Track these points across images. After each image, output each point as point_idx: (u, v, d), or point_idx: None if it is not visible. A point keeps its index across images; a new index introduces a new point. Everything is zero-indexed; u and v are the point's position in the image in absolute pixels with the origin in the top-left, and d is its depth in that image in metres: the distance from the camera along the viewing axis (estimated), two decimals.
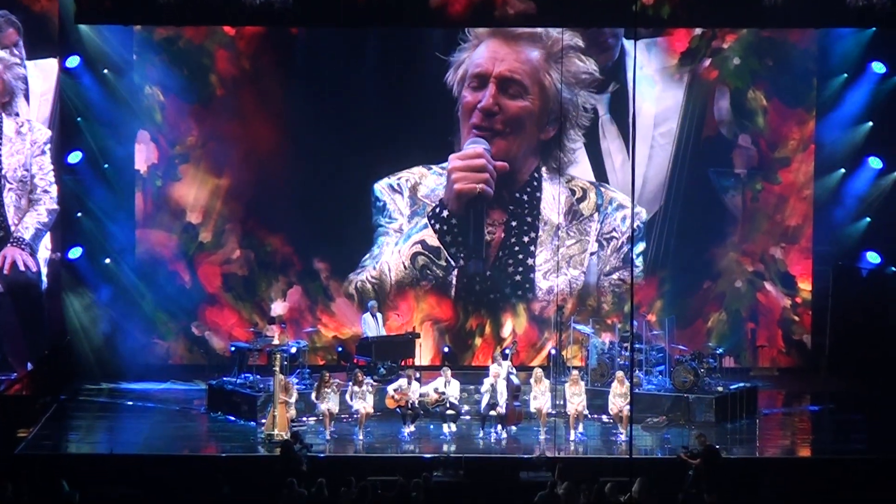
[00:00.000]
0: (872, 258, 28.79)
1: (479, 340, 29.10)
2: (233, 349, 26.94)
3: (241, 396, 25.37)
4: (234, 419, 25.29)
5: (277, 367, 24.07)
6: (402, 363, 26.71)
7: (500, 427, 24.18)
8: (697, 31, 28.53)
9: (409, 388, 24.28)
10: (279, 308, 28.50)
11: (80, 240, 28.33)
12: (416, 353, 27.42)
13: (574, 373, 24.76)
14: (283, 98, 28.57)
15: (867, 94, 28.49)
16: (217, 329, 28.84)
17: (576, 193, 28.94)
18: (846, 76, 28.52)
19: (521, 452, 23.10)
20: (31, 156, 27.92)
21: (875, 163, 28.65)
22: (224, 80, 28.54)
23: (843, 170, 28.78)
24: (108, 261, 28.42)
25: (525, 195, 28.86)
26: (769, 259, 29.15)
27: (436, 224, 28.76)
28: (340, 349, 28.50)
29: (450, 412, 24.31)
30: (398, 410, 24.31)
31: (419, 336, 27.81)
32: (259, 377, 25.74)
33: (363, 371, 24.96)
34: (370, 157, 28.70)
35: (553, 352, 27.29)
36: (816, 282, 29.08)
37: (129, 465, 21.94)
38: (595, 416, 24.99)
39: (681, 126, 28.85)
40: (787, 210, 29.08)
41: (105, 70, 27.99)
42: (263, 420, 24.22)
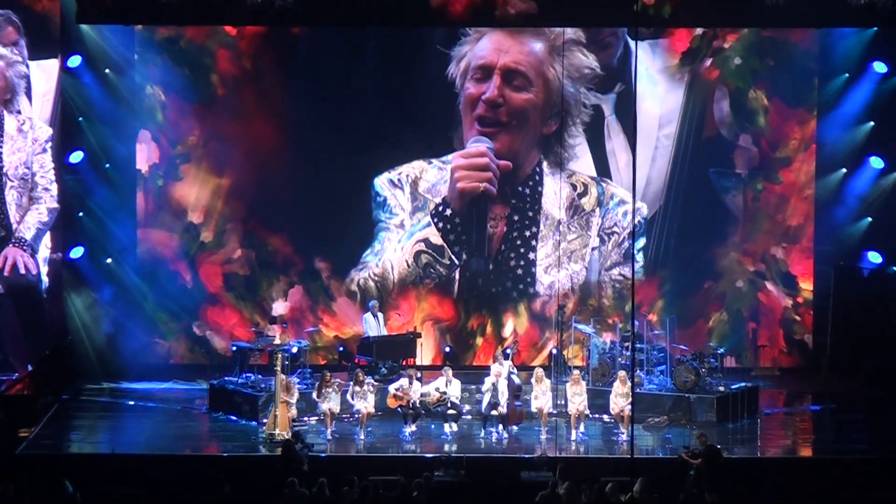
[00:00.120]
0: (874, 258, 28.79)
1: (481, 340, 29.11)
2: (234, 349, 26.94)
3: (243, 396, 25.37)
4: (236, 419, 25.29)
5: (279, 367, 24.08)
6: (404, 363, 26.71)
7: (502, 427, 24.19)
8: (698, 31, 28.52)
9: (411, 388, 24.29)
10: (280, 308, 28.50)
11: (82, 239, 28.33)
12: (418, 353, 27.42)
13: (575, 372, 24.75)
14: (285, 98, 28.58)
15: (868, 94, 28.47)
16: (218, 329, 28.85)
17: (577, 188, 28.94)
18: (847, 76, 28.51)
19: (523, 452, 23.09)
20: (33, 153, 27.95)
21: (876, 162, 28.64)
22: (225, 80, 28.54)
23: (845, 169, 28.77)
24: (110, 260, 28.43)
25: (527, 189, 28.86)
26: (770, 259, 29.15)
27: (439, 222, 28.76)
28: (342, 349, 28.52)
29: (451, 412, 24.31)
30: (399, 410, 24.31)
31: (420, 336, 27.81)
32: (260, 377, 25.75)
33: (364, 371, 24.96)
34: (371, 157, 28.72)
35: (554, 351, 27.29)
36: (818, 281, 29.07)
37: (131, 465, 21.94)
38: (596, 416, 24.98)
39: (681, 126, 28.84)
40: (789, 210, 29.08)
41: (106, 70, 27.99)
42: (265, 420, 24.22)
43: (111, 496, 20.33)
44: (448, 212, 28.75)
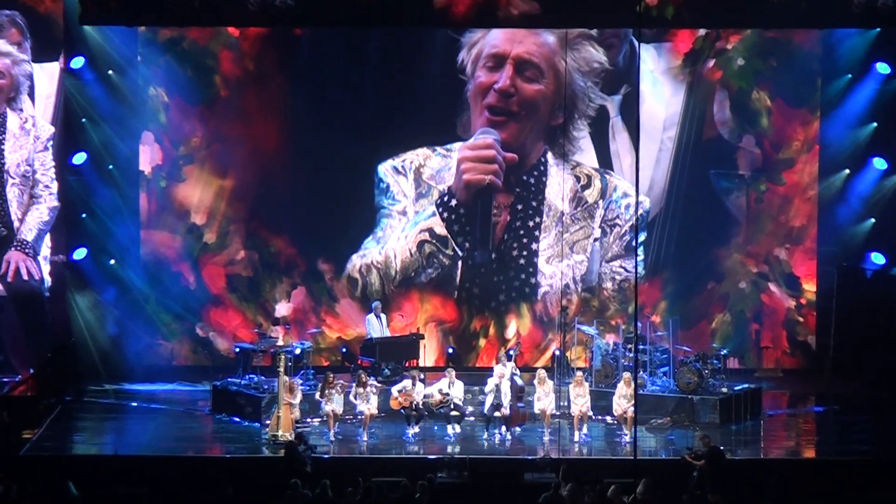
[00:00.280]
0: (877, 259, 28.75)
1: (483, 341, 29.09)
2: (237, 350, 26.95)
3: (246, 398, 25.38)
4: (239, 420, 25.30)
5: (282, 369, 24.11)
6: (407, 364, 26.72)
7: (505, 428, 24.19)
8: (701, 32, 28.49)
9: (414, 390, 24.28)
10: (283, 309, 28.50)
11: (85, 241, 28.31)
12: (421, 354, 27.45)
13: (578, 374, 24.75)
14: (287, 99, 28.57)
15: (871, 95, 28.43)
16: (221, 330, 28.83)
17: (581, 180, 28.91)
18: (850, 77, 28.46)
19: (526, 454, 23.10)
20: (34, 151, 27.95)
21: (879, 163, 28.60)
22: (228, 81, 28.53)
23: (848, 170, 28.74)
24: (113, 262, 28.42)
25: (532, 178, 28.82)
26: (773, 260, 29.12)
27: (443, 212, 28.72)
28: (344, 350, 28.50)
29: (454, 413, 24.31)
30: (402, 411, 24.31)
31: (423, 337, 27.84)
32: (263, 378, 25.77)
33: (367, 372, 24.98)
34: (374, 158, 28.71)
35: (557, 353, 27.25)
36: (821, 283, 29.04)
37: (134, 466, 21.97)
38: (599, 418, 24.99)
39: (681, 127, 28.80)
40: (792, 211, 29.04)
41: (109, 71, 27.99)
42: (268, 421, 24.22)
43: (114, 497, 20.35)
44: (453, 202, 28.71)
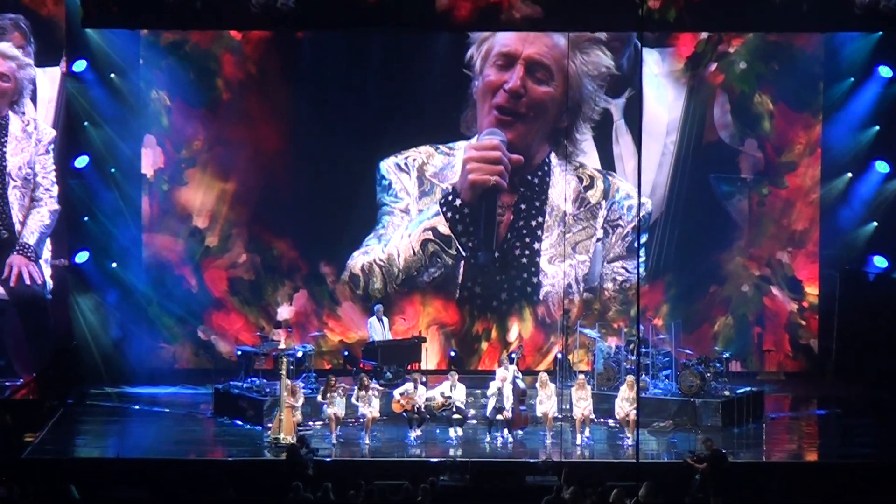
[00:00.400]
0: (879, 262, 28.74)
1: (486, 344, 29.08)
2: (239, 353, 26.93)
3: (248, 400, 25.37)
4: (241, 423, 25.29)
5: (284, 372, 24.09)
6: (409, 367, 26.68)
7: (507, 431, 24.17)
8: (703, 36, 28.49)
9: (416, 393, 24.26)
10: (285, 312, 28.49)
11: (87, 244, 28.32)
12: (422, 357, 27.40)
13: (580, 377, 24.74)
14: (289, 102, 28.58)
15: (874, 98, 28.44)
16: (223, 333, 28.83)
17: (584, 181, 28.90)
18: (853, 80, 28.46)
19: (528, 457, 23.10)
20: (35, 154, 27.94)
21: (882, 167, 28.60)
22: (230, 85, 28.54)
23: (850, 174, 28.73)
24: (115, 265, 28.42)
25: (535, 178, 28.81)
26: (776, 263, 29.11)
27: (448, 212, 28.70)
28: (346, 353, 28.49)
29: (456, 416, 24.30)
30: (404, 414, 24.29)
31: (425, 340, 27.78)
32: (265, 381, 25.76)
33: (369, 375, 24.97)
34: (377, 160, 28.71)
35: (559, 356, 27.25)
36: (823, 286, 29.03)
37: (136, 469, 21.98)
38: (601, 421, 24.98)
39: (682, 130, 28.79)
40: (794, 214, 29.03)
41: (112, 74, 28.00)
42: (270, 424, 24.21)
43: (116, 500, 20.36)
44: (457, 202, 28.70)
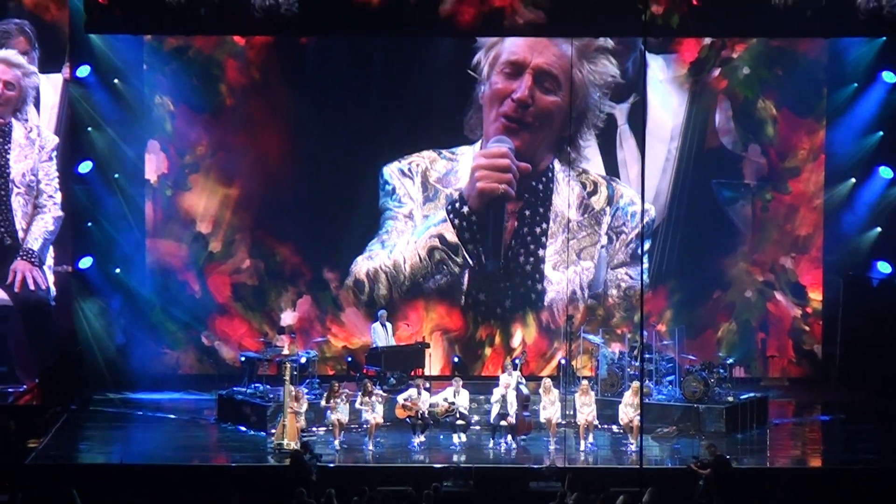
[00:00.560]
0: (883, 268, 28.72)
1: (489, 350, 29.07)
2: (242, 359, 26.92)
3: (251, 406, 25.35)
4: (244, 429, 25.28)
5: (287, 377, 24.06)
6: (412, 373, 26.69)
7: (510, 437, 24.16)
8: (707, 41, 28.49)
9: (419, 398, 24.26)
10: (289, 318, 28.51)
11: (90, 249, 28.33)
12: (426, 363, 27.41)
13: (584, 383, 24.72)
14: (292, 107, 28.57)
15: (877, 104, 28.43)
16: (227, 339, 28.83)
17: (587, 187, 28.89)
18: (856, 85, 28.46)
19: (531, 463, 23.05)
20: (39, 161, 27.94)
21: (886, 172, 28.59)
22: (234, 90, 28.55)
23: (854, 179, 28.72)
24: (118, 270, 28.42)
25: (539, 185, 28.80)
26: (779, 269, 29.09)
27: (455, 219, 28.70)
28: (350, 359, 28.47)
29: (459, 422, 24.29)
30: (408, 420, 24.28)
31: (429, 346, 27.80)
32: (269, 387, 25.74)
33: (373, 381, 24.96)
34: (380, 166, 28.72)
35: (563, 362, 27.23)
36: (827, 292, 29.02)
37: (139, 475, 21.94)
38: (605, 427, 24.96)
39: (685, 135, 28.79)
40: (798, 220, 29.03)
41: (115, 80, 28.01)
42: (273, 430, 24.20)
43: None
44: (465, 209, 28.70)
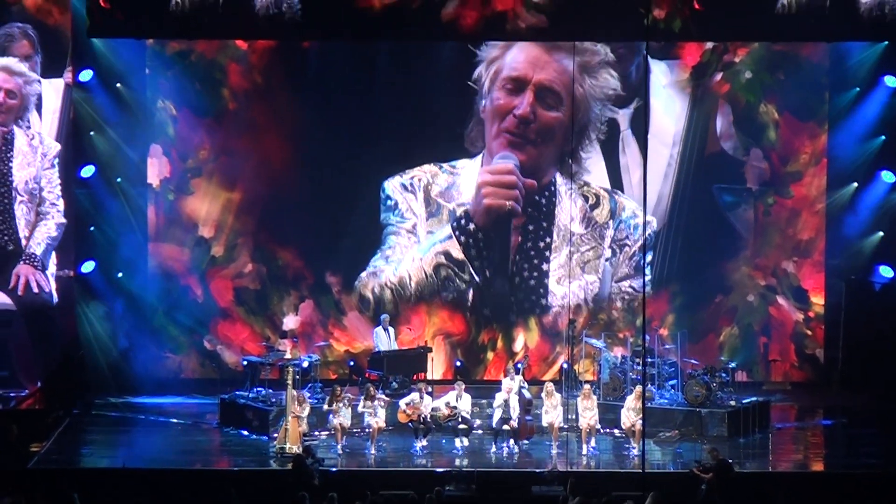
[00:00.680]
0: (885, 272, 28.70)
1: (491, 354, 29.06)
2: (245, 363, 26.93)
3: (254, 411, 25.37)
4: (247, 433, 25.28)
5: (290, 382, 24.08)
6: (414, 377, 26.68)
7: (513, 441, 24.15)
8: (709, 46, 28.49)
9: (422, 403, 24.26)
10: (291, 322, 28.50)
11: (93, 254, 28.33)
12: (428, 367, 27.40)
13: (586, 387, 24.72)
14: (295, 111, 28.58)
15: (880, 108, 28.40)
16: (229, 343, 28.82)
17: (589, 200, 28.89)
18: (858, 90, 28.44)
19: (534, 467, 23.05)
20: (41, 169, 27.93)
21: (888, 176, 28.55)
22: (236, 94, 28.56)
23: (856, 183, 28.70)
24: (121, 275, 28.42)
25: (542, 199, 28.80)
26: (781, 273, 29.08)
27: (461, 236, 28.70)
28: (352, 363, 28.47)
29: (462, 426, 24.30)
30: (410, 424, 24.28)
31: (431, 350, 27.80)
32: (271, 391, 25.77)
33: (375, 385, 24.97)
34: (382, 170, 28.73)
35: (565, 366, 27.22)
36: (829, 296, 28.99)
37: (142, 479, 21.93)
38: (607, 431, 24.96)
39: (686, 140, 28.79)
40: (800, 224, 29.02)
41: (118, 84, 28.03)
42: (275, 434, 24.21)
43: None
44: (471, 226, 28.69)
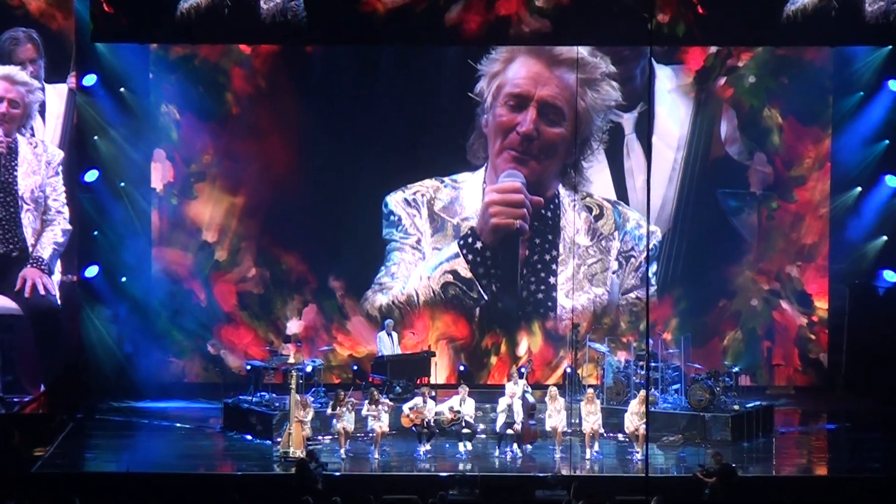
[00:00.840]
0: (889, 276, 28.68)
1: (495, 359, 29.05)
2: (248, 368, 26.93)
3: (257, 415, 25.36)
4: (250, 438, 25.28)
5: (293, 386, 24.08)
6: (418, 381, 26.70)
7: (516, 446, 24.14)
8: (712, 50, 28.49)
9: (425, 407, 24.24)
10: (294, 326, 28.50)
11: (97, 258, 28.33)
12: (432, 372, 27.42)
13: (590, 391, 24.69)
14: (299, 116, 28.58)
15: (884, 112, 28.39)
16: (233, 347, 28.82)
17: (593, 211, 28.88)
18: (862, 94, 28.42)
19: (537, 471, 23.02)
20: (46, 177, 27.90)
21: (892, 181, 28.54)
22: (239, 98, 28.57)
23: (860, 188, 28.69)
24: (124, 279, 28.43)
25: (548, 212, 28.79)
26: (785, 277, 29.07)
27: (468, 255, 28.67)
28: (356, 368, 28.44)
29: (465, 431, 24.28)
30: (414, 429, 24.27)
31: (434, 354, 27.83)
32: (275, 396, 25.77)
33: (379, 390, 24.97)
34: (386, 175, 28.72)
35: (569, 370, 27.22)
36: (833, 300, 28.98)
37: (145, 484, 21.93)
38: (611, 435, 24.94)
39: (690, 145, 28.77)
40: (804, 228, 29.00)
41: (121, 88, 28.03)
42: (279, 438, 24.20)
43: None
44: (478, 244, 28.67)
